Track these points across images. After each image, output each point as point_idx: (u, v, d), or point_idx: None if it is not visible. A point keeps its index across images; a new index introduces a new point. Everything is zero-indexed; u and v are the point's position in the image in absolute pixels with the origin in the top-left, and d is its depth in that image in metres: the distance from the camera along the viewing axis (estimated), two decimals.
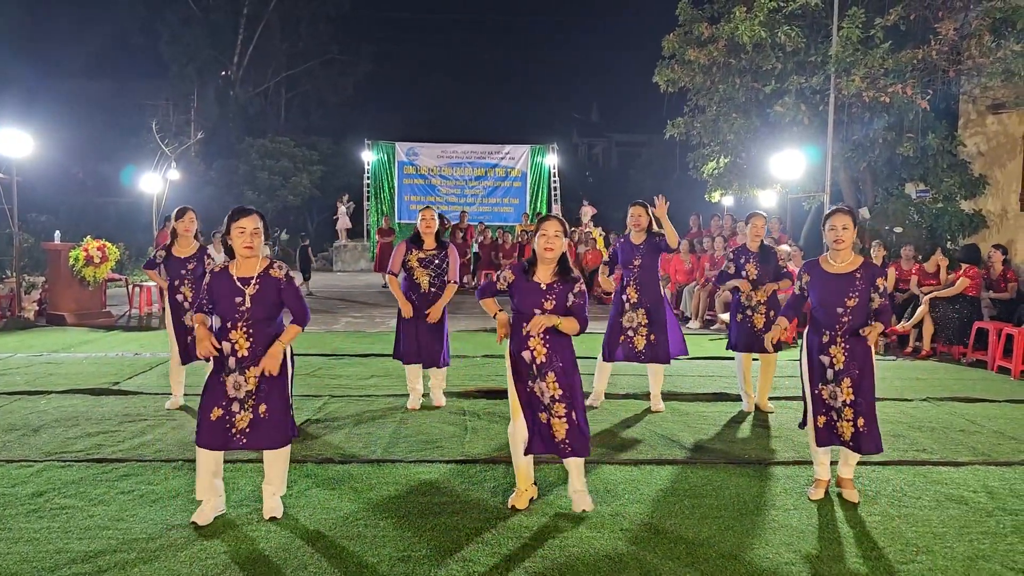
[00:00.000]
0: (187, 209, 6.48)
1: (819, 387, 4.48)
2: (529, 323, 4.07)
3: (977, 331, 9.26)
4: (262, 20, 31.54)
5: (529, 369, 4.13)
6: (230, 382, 3.98)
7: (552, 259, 4.08)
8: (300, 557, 3.68)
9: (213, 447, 3.97)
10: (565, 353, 4.15)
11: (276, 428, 4.03)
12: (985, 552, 3.82)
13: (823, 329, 4.44)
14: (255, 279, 3.98)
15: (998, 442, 5.78)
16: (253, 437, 3.99)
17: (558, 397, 4.08)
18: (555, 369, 4.09)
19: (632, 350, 6.37)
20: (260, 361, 3.96)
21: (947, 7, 12.01)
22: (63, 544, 3.78)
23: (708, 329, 11.94)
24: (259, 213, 4.05)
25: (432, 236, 6.24)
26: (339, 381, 7.66)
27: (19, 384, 7.38)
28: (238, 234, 3.95)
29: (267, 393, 4.00)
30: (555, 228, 4.06)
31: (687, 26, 14.06)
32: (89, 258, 11.61)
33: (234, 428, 3.97)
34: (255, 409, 3.99)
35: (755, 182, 14.78)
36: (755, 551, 3.81)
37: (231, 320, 3.97)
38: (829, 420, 4.46)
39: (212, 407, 3.95)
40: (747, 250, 6.63)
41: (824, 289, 4.41)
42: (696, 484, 4.76)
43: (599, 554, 3.75)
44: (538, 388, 4.12)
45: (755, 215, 6.71)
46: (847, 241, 4.37)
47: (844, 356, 4.37)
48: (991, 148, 12.78)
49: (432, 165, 24.51)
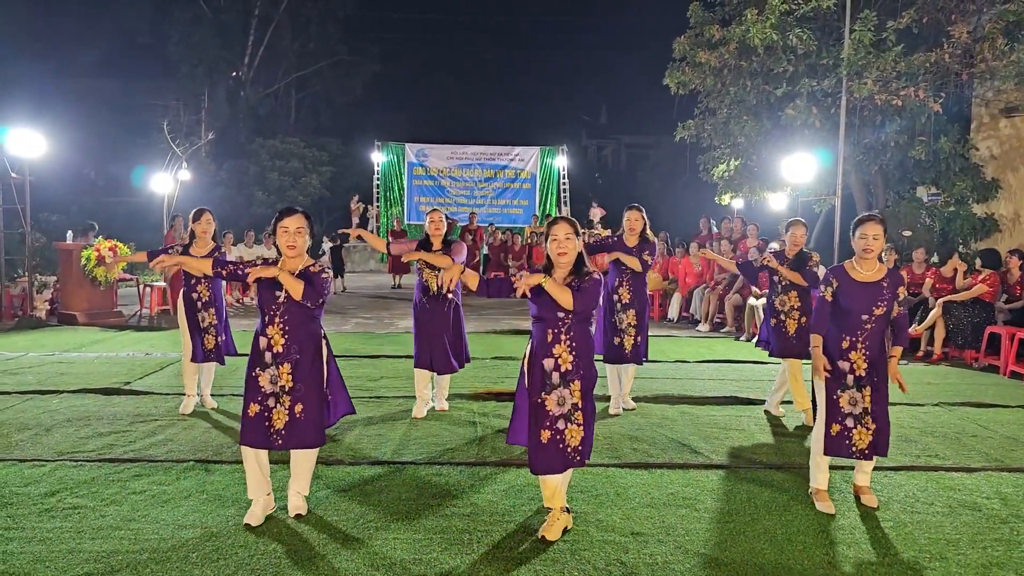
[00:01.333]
0: (204, 210, 6.49)
1: (837, 393, 4.37)
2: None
3: (989, 336, 9.21)
4: (273, 21, 31.62)
5: (548, 378, 3.93)
6: (265, 377, 4.04)
7: (567, 263, 3.95)
8: (311, 558, 3.68)
9: (254, 444, 4.02)
10: (589, 359, 3.99)
11: (311, 427, 4.06)
12: (999, 559, 3.79)
13: (843, 335, 4.37)
14: (295, 275, 4.04)
15: (1011, 448, 5.75)
16: (288, 437, 4.03)
17: (580, 405, 3.93)
18: (580, 377, 3.93)
19: (622, 352, 6.39)
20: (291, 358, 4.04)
21: (960, 10, 11.95)
22: (76, 544, 3.79)
23: (718, 332, 11.91)
24: (304, 213, 4.12)
25: (440, 238, 6.22)
26: (349, 382, 7.56)
27: (31, 383, 7.42)
28: (282, 233, 4.05)
29: (304, 391, 4.05)
30: (565, 231, 3.94)
31: (698, 28, 14.03)
32: (101, 258, 11.65)
33: (272, 428, 4.02)
34: (291, 408, 4.04)
35: (766, 185, 14.73)
36: (766, 556, 3.79)
37: (269, 314, 4.06)
38: (843, 429, 4.36)
39: (250, 403, 4.03)
40: (783, 256, 6.52)
41: (852, 297, 4.34)
42: (707, 488, 4.74)
43: (610, 557, 3.74)
44: (556, 398, 3.91)
45: (796, 224, 6.54)
46: (877, 251, 4.31)
47: (866, 363, 4.32)
48: (1004, 152, 12.71)
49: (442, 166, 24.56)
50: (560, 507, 4.03)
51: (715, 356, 9.60)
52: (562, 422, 3.91)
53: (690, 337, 11.44)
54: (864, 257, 4.34)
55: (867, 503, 4.46)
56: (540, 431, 3.89)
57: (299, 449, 4.12)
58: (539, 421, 3.91)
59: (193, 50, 29.51)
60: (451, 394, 7.11)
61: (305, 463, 4.21)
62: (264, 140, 28.05)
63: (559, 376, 3.92)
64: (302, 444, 4.08)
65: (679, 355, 9.63)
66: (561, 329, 3.92)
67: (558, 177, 24.52)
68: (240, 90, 31.26)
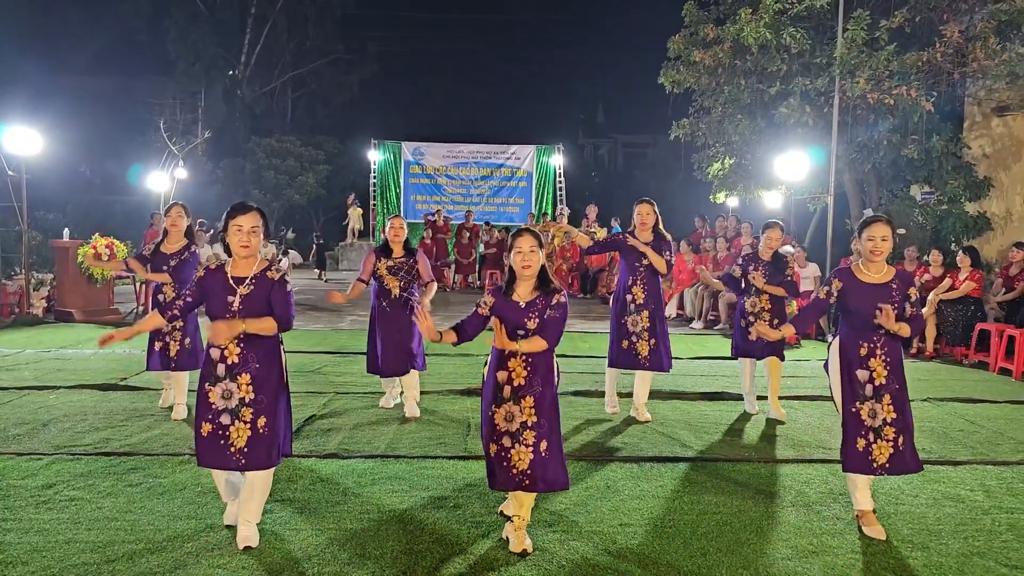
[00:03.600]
0: (175, 204, 6.26)
1: (856, 405, 4.12)
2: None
3: (979, 332, 9.29)
4: (269, 20, 31.68)
5: (500, 391, 3.80)
6: (217, 392, 3.70)
7: (531, 275, 3.81)
8: (304, 549, 3.74)
9: (212, 466, 3.73)
10: (547, 376, 3.80)
11: (274, 443, 3.74)
12: (980, 549, 3.87)
13: (860, 341, 4.14)
14: (250, 279, 3.74)
15: (997, 442, 5.82)
16: (251, 456, 3.68)
17: (530, 425, 3.72)
18: (534, 393, 3.75)
19: (635, 358, 6.12)
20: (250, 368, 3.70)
21: (952, 10, 12.03)
22: (72, 535, 3.85)
23: (712, 329, 11.98)
24: (259, 211, 3.80)
25: (400, 244, 6.17)
26: (343, 379, 7.73)
27: (28, 379, 7.47)
28: (235, 232, 3.72)
29: (267, 403, 3.73)
30: (530, 243, 3.78)
31: (692, 27, 14.10)
32: (97, 255, 11.70)
33: (231, 446, 3.67)
34: (253, 422, 3.69)
35: (760, 183, 14.81)
36: (752, 546, 3.86)
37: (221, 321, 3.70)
38: (868, 444, 4.08)
39: (201, 422, 3.70)
40: (758, 258, 6.51)
41: (860, 299, 4.12)
42: (696, 481, 4.81)
43: (597, 547, 3.81)
44: (505, 412, 3.76)
45: (772, 226, 6.53)
46: (885, 253, 4.11)
47: (885, 370, 4.10)
48: (996, 151, 12.79)
49: (438, 165, 24.58)
50: (521, 517, 3.81)
51: (707, 353, 9.68)
52: (507, 439, 3.74)
53: (683, 334, 11.50)
54: (872, 260, 4.13)
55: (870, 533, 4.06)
56: (489, 443, 3.80)
57: (260, 470, 3.72)
58: (488, 433, 3.81)
59: (190, 48, 29.56)
60: (443, 390, 7.19)
61: (261, 485, 3.79)
62: (260, 138, 28.09)
63: (511, 391, 3.78)
64: (267, 463, 3.72)
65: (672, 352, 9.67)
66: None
67: (554, 176, 24.57)
68: (237, 88, 31.30)
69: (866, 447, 4.07)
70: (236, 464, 3.68)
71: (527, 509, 3.81)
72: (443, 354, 9.13)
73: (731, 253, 12.56)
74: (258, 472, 3.74)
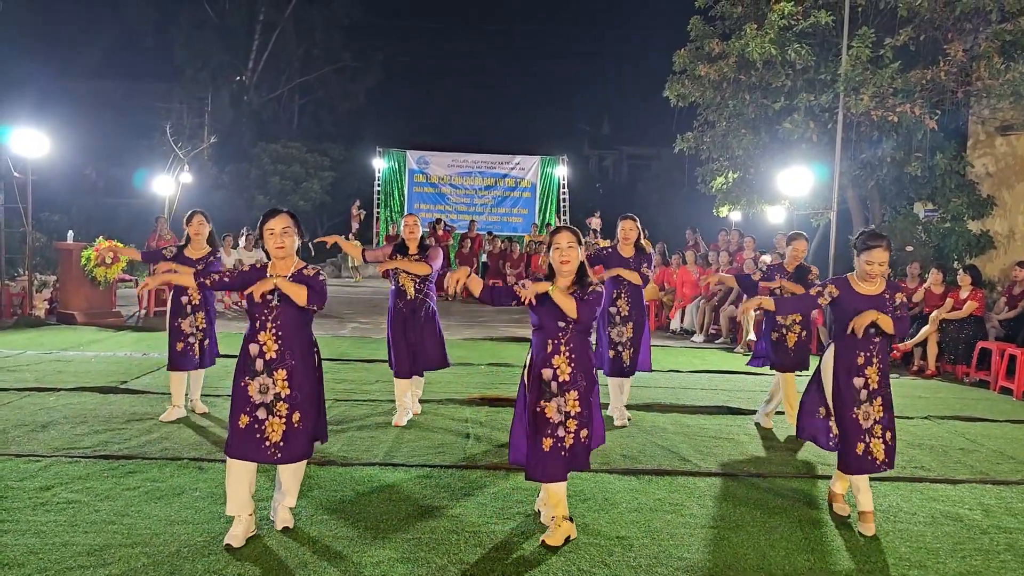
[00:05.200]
0: (196, 212, 6.33)
1: (854, 411, 4.31)
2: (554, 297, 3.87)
3: (980, 351, 9.28)
4: (277, 27, 31.80)
5: (547, 387, 3.96)
6: (254, 386, 3.87)
7: (570, 271, 3.97)
8: (300, 555, 3.74)
9: (244, 457, 3.83)
10: (588, 369, 4.01)
11: (308, 438, 3.96)
12: (977, 568, 3.86)
13: (857, 351, 4.32)
14: (288, 278, 3.94)
15: (997, 461, 5.81)
16: (286, 450, 3.87)
17: (574, 415, 3.94)
18: (578, 388, 3.96)
19: (621, 366, 6.36)
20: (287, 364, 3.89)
21: (956, 29, 12.05)
22: (69, 537, 3.85)
23: (713, 343, 11.98)
24: (289, 212, 4.01)
25: (416, 242, 6.15)
26: (344, 385, 7.73)
27: (29, 381, 7.48)
28: (268, 235, 3.95)
29: (301, 399, 3.91)
30: (568, 239, 3.96)
31: (698, 42, 14.14)
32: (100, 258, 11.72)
33: (267, 440, 3.83)
34: (288, 418, 3.88)
35: (763, 198, 14.82)
36: (749, 561, 3.85)
37: (260, 320, 3.91)
38: (866, 447, 4.28)
39: (239, 414, 3.86)
40: (783, 269, 6.55)
41: (855, 308, 4.28)
42: (694, 495, 4.81)
43: (594, 559, 3.81)
44: (556, 406, 3.94)
45: (797, 238, 6.59)
46: (879, 276, 4.33)
47: (878, 375, 4.33)
48: (999, 169, 12.80)
49: (442, 174, 24.67)
50: (563, 515, 4.01)
51: (708, 366, 9.67)
52: (561, 430, 3.92)
53: (684, 347, 11.50)
54: (867, 280, 4.33)
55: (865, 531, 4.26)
56: (542, 439, 3.92)
57: (296, 462, 3.98)
58: (540, 429, 3.93)
59: (197, 54, 29.65)
60: (444, 398, 7.20)
61: (297, 475, 4.07)
62: (266, 144, 28.18)
63: (557, 386, 3.95)
64: (302, 456, 3.96)
65: (673, 365, 9.70)
66: (561, 340, 3.96)
67: (558, 187, 24.63)
68: (243, 94, 31.41)
69: (865, 449, 4.28)
70: (271, 458, 3.85)
71: (564, 503, 4.02)
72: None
73: (734, 267, 12.56)
74: (294, 464, 3.98)
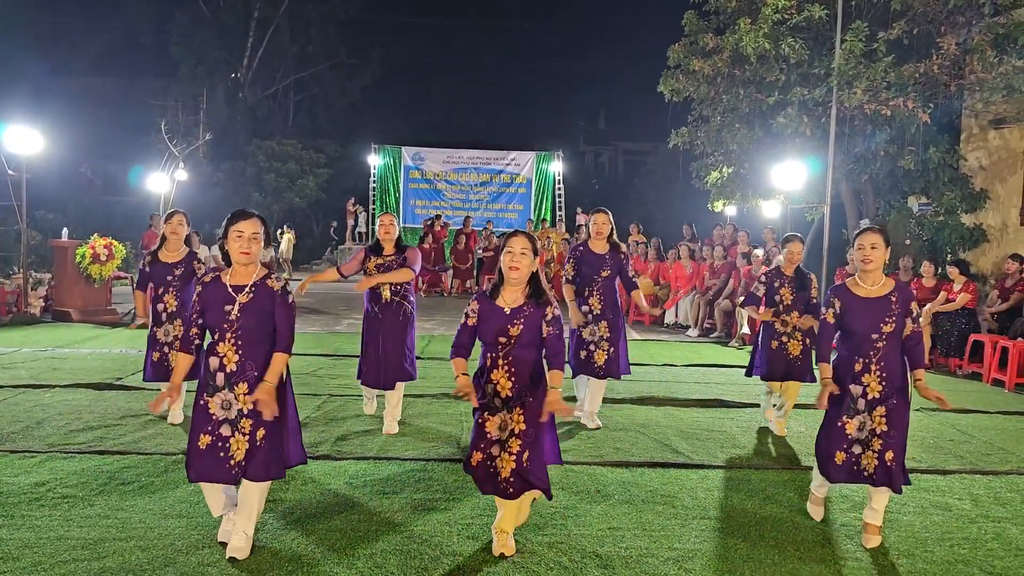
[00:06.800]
0: (176, 211, 6.08)
1: (843, 419, 4.06)
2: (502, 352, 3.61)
3: (973, 344, 9.33)
4: (272, 23, 31.77)
5: (491, 402, 3.74)
6: (216, 402, 3.59)
7: (519, 279, 3.68)
8: (295, 548, 3.77)
9: (205, 479, 3.58)
10: (538, 388, 3.72)
11: (273, 456, 3.63)
12: (965, 557, 3.90)
13: (855, 356, 4.04)
14: (249, 287, 3.63)
15: (987, 452, 5.85)
16: (249, 469, 3.57)
17: (517, 432, 3.66)
18: (524, 404, 3.69)
19: (592, 366, 6.03)
20: (254, 393, 3.56)
21: (949, 22, 12.09)
22: (64, 531, 3.87)
23: (707, 337, 12.01)
24: (261, 218, 3.70)
25: (391, 243, 5.79)
26: (339, 381, 7.76)
27: (24, 378, 7.50)
28: (235, 238, 3.60)
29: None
30: (522, 245, 3.67)
31: (692, 37, 14.16)
32: (96, 255, 11.73)
33: (231, 459, 3.56)
34: (252, 434, 3.59)
35: (758, 192, 14.87)
36: (738, 551, 3.88)
37: (219, 331, 3.60)
38: (849, 456, 4.05)
39: (199, 434, 3.57)
40: (782, 274, 6.27)
41: (858, 315, 4.02)
42: (686, 487, 4.84)
43: (585, 550, 3.83)
44: (499, 421, 3.71)
45: (792, 240, 6.24)
46: (877, 261, 4.01)
47: (880, 384, 4.00)
48: (992, 163, 12.85)
49: (438, 170, 24.67)
50: (504, 531, 3.77)
51: (702, 360, 9.71)
52: (496, 448, 3.70)
53: (679, 342, 11.54)
54: (865, 269, 4.04)
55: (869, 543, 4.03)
56: (472, 451, 3.75)
57: (258, 481, 3.62)
58: (474, 441, 3.76)
59: (193, 51, 29.64)
60: (438, 392, 7.22)
61: (256, 496, 3.66)
62: (261, 141, 28.19)
63: (500, 402, 3.73)
64: (265, 476, 3.61)
65: (667, 359, 9.74)
66: (499, 354, 3.73)
67: (553, 182, 24.65)
68: (239, 91, 31.38)
69: (848, 459, 4.05)
70: (235, 478, 3.57)
71: (509, 521, 3.78)
72: (438, 358, 9.19)
73: (727, 261, 12.61)
74: (253, 484, 3.62)
